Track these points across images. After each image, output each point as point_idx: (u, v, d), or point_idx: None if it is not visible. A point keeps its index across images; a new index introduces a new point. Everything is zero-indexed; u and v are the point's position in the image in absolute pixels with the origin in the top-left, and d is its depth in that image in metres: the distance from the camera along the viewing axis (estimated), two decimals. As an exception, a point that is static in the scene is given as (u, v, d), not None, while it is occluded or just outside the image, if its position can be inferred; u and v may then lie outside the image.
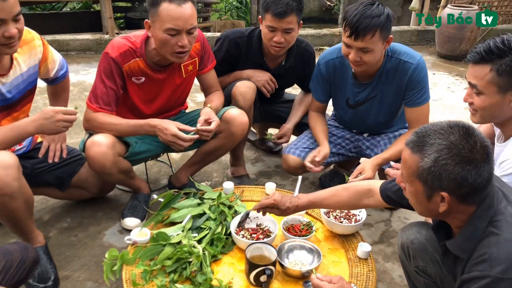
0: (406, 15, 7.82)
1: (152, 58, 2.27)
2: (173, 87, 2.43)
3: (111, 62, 2.20)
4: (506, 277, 1.15)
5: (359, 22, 2.07)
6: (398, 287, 2.15)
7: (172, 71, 2.36)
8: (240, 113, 2.44)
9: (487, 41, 1.58)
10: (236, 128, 2.43)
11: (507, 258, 1.17)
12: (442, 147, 1.21)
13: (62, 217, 2.53)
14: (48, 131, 1.93)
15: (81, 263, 2.20)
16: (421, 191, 1.29)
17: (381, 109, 2.47)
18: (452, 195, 1.23)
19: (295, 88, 3.11)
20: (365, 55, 2.15)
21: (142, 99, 2.38)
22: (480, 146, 1.21)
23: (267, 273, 1.71)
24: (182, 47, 2.12)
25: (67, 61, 2.46)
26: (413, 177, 1.28)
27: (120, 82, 2.24)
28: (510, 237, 1.20)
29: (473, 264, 1.22)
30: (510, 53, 1.53)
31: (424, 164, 1.23)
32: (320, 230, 2.12)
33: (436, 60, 6.08)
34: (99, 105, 2.21)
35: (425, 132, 1.26)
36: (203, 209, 2.12)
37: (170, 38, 2.09)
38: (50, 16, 7.77)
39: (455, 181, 1.20)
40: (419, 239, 1.67)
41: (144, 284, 1.76)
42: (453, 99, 4.64)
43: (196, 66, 2.47)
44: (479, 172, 1.20)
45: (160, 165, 3.13)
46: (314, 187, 2.95)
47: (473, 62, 1.60)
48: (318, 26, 8.09)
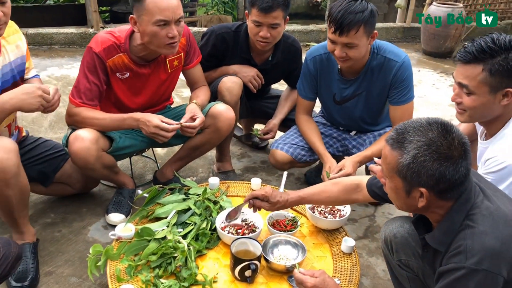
0: (392, 12, 7.86)
1: (136, 53, 2.25)
2: (158, 82, 2.41)
3: (94, 57, 2.18)
4: (480, 268, 1.17)
5: (343, 18, 2.08)
6: (382, 281, 2.17)
7: (157, 65, 2.34)
8: (226, 109, 2.44)
9: (478, 41, 1.57)
10: (222, 124, 2.42)
11: (481, 249, 1.19)
12: (421, 144, 1.23)
13: (45, 213, 2.50)
14: (27, 106, 1.84)
15: (64, 259, 2.18)
16: (400, 186, 1.30)
17: (367, 105, 2.48)
18: (431, 191, 1.25)
19: (281, 84, 3.12)
20: (350, 50, 2.17)
21: (126, 94, 2.36)
22: (458, 143, 1.23)
23: (252, 268, 1.72)
24: (172, 38, 2.12)
25: (50, 55, 2.45)
26: (393, 173, 1.30)
27: (104, 77, 2.22)
28: (484, 230, 1.22)
29: (449, 256, 1.25)
30: (502, 53, 1.53)
31: (404, 161, 1.25)
32: (305, 225, 2.14)
33: (421, 57, 6.13)
34: (81, 100, 2.19)
35: (404, 129, 1.28)
36: (188, 205, 2.12)
37: (160, 30, 2.09)
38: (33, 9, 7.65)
39: (434, 177, 1.22)
40: (402, 233, 1.70)
41: (128, 279, 1.75)
42: (438, 96, 4.69)
43: (182, 61, 2.46)
44: (456, 168, 1.22)
45: (145, 160, 3.11)
46: (299, 183, 2.97)
47: (464, 62, 1.59)
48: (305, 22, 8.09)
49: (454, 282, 1.21)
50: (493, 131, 1.69)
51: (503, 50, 1.53)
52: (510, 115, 1.65)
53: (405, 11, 6.88)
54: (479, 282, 1.18)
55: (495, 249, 1.19)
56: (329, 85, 2.50)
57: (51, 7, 8.00)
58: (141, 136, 2.35)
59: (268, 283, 1.78)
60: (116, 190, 2.53)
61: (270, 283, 1.78)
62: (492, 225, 1.23)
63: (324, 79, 2.50)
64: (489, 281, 1.18)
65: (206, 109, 2.42)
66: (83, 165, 2.18)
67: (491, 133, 1.71)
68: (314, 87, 2.55)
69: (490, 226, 1.23)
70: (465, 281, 1.19)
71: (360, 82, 2.41)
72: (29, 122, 3.52)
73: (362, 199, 1.82)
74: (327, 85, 2.51)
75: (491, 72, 1.54)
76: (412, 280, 1.72)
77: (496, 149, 1.60)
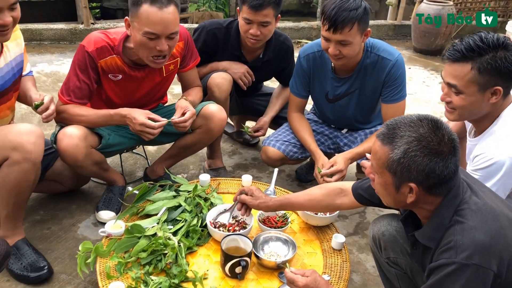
0: (383, 9, 7.88)
1: (130, 56, 2.22)
2: (152, 85, 2.39)
3: (86, 56, 2.15)
4: (470, 263, 1.18)
5: (337, 15, 2.08)
6: (372, 277, 2.19)
7: (151, 70, 2.30)
8: (218, 109, 2.42)
9: (466, 39, 1.58)
10: (214, 124, 2.42)
11: (471, 244, 1.20)
12: (412, 139, 1.24)
13: (34, 210, 2.49)
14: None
15: (54, 256, 2.17)
16: (390, 182, 1.31)
17: (360, 104, 2.49)
18: (420, 186, 1.26)
19: (273, 81, 3.12)
20: (344, 48, 2.17)
21: (118, 95, 2.34)
22: (447, 139, 1.24)
23: (242, 265, 1.72)
24: (160, 52, 2.07)
25: (40, 51, 2.43)
26: (383, 168, 1.31)
27: (95, 77, 2.20)
28: (474, 225, 1.23)
29: (440, 252, 1.26)
30: (490, 51, 1.54)
31: (394, 156, 1.25)
32: (295, 221, 2.14)
33: (412, 54, 6.16)
34: (70, 98, 2.18)
35: (395, 124, 1.29)
36: (178, 201, 2.11)
37: (149, 41, 2.04)
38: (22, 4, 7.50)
39: (423, 173, 1.23)
40: (390, 231, 1.71)
41: (118, 276, 1.74)
42: (428, 93, 4.71)
43: (178, 65, 2.43)
44: (446, 164, 1.23)
45: (135, 157, 3.10)
46: (290, 180, 2.97)
47: (452, 60, 1.60)
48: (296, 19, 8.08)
49: (445, 277, 1.22)
50: (482, 129, 1.71)
51: (492, 48, 1.54)
52: (498, 113, 1.66)
53: (396, 9, 6.90)
54: (469, 276, 1.19)
55: (485, 244, 1.20)
56: (322, 83, 2.51)
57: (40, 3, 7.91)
58: (130, 133, 2.34)
59: (258, 279, 1.79)
60: (106, 187, 2.52)
61: (261, 280, 1.79)
62: (481, 220, 1.24)
63: (317, 77, 2.50)
64: (479, 276, 1.19)
65: (198, 108, 2.40)
66: (72, 162, 2.16)
67: (479, 131, 1.73)
68: (307, 85, 2.56)
69: (479, 221, 1.24)
70: (456, 276, 1.20)
71: (353, 80, 2.41)
72: (18, 119, 3.48)
73: (346, 204, 1.79)
74: (320, 83, 2.51)
75: (480, 71, 1.55)
76: (401, 277, 1.73)
77: (484, 146, 1.62)
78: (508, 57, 1.53)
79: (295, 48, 2.87)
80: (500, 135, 1.62)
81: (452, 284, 1.20)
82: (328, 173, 2.29)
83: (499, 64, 1.53)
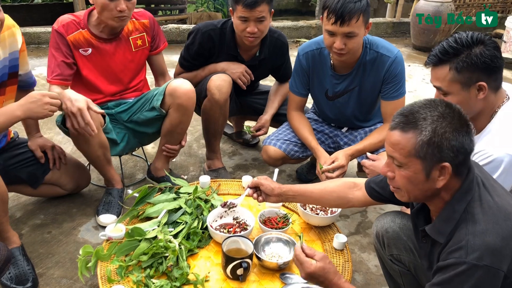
0: (382, 7, 7.87)
1: (96, 28, 2.36)
2: (123, 60, 2.47)
3: (55, 35, 2.32)
4: (481, 264, 1.17)
5: (343, 7, 2.10)
6: (374, 277, 2.18)
7: (119, 42, 2.43)
8: (181, 83, 2.40)
9: (441, 43, 1.63)
10: (181, 99, 2.40)
11: (482, 245, 1.19)
12: (436, 117, 1.24)
13: (35, 214, 2.48)
14: (36, 115, 1.93)
15: (55, 260, 2.17)
16: (419, 169, 1.28)
17: (359, 101, 2.49)
18: (451, 164, 1.25)
19: (268, 79, 3.11)
20: (350, 41, 2.18)
21: (94, 73, 2.41)
22: (463, 114, 1.27)
23: (244, 266, 1.71)
24: (120, 12, 2.23)
25: (38, 54, 2.46)
26: (409, 157, 1.28)
27: (68, 51, 2.33)
28: (485, 225, 1.23)
29: (450, 252, 1.25)
30: (464, 50, 1.58)
31: (424, 137, 1.24)
32: (296, 222, 2.13)
33: (411, 52, 6.15)
34: (52, 76, 2.31)
35: (410, 110, 1.29)
36: (179, 204, 2.10)
37: (109, 2, 2.20)
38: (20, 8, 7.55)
39: (454, 148, 1.23)
40: (393, 228, 1.70)
41: (119, 280, 1.74)
42: (428, 91, 4.70)
43: (146, 42, 2.53)
44: (470, 137, 1.26)
45: (135, 159, 3.09)
46: (291, 180, 2.96)
47: (433, 65, 1.65)
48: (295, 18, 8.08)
49: (454, 276, 1.21)
50: (480, 127, 1.72)
51: (465, 47, 1.58)
52: (493, 109, 1.68)
53: (395, 6, 6.89)
54: (480, 277, 1.18)
55: (496, 245, 1.19)
56: (321, 81, 2.50)
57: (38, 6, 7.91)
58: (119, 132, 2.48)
59: (260, 281, 1.78)
60: (105, 190, 2.52)
61: (262, 281, 1.78)
62: (493, 220, 1.23)
63: (317, 75, 2.50)
64: (490, 277, 1.18)
65: (163, 87, 2.43)
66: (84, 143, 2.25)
67: (478, 129, 1.73)
68: (306, 83, 2.55)
69: (491, 221, 1.23)
70: (466, 276, 1.19)
71: (353, 77, 2.41)
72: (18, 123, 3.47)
73: (357, 199, 1.75)
74: (320, 80, 2.50)
75: (458, 70, 1.59)
76: (404, 274, 1.73)
77: (483, 144, 1.63)
78: (484, 52, 1.57)
79: (295, 47, 2.86)
80: (498, 133, 1.63)
81: (461, 284, 1.19)
82: (330, 168, 2.29)
83: (474, 60, 1.57)
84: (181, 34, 5.90)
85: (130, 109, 2.53)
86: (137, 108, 2.52)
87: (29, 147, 2.33)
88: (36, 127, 2.41)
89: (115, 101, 2.53)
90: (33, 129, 2.39)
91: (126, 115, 2.53)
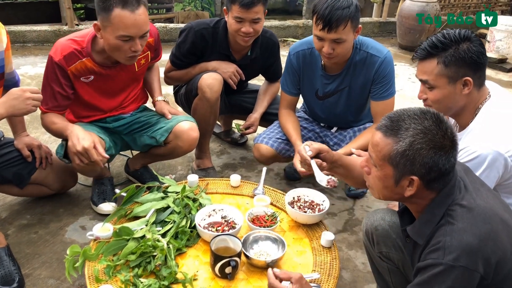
0: (368, 7, 7.93)
1: (100, 56, 2.25)
2: (125, 81, 2.43)
3: (55, 67, 2.19)
4: (457, 265, 1.19)
5: (331, 14, 2.10)
6: (361, 274, 2.20)
7: (123, 67, 2.34)
8: (189, 129, 2.43)
9: (430, 38, 1.67)
10: (182, 143, 2.44)
11: (459, 246, 1.20)
12: (418, 131, 1.24)
13: (21, 214, 2.46)
14: (19, 111, 1.91)
15: (42, 261, 2.15)
16: (390, 175, 1.30)
17: (349, 101, 2.51)
18: (421, 179, 1.27)
19: (257, 78, 3.11)
20: (338, 46, 2.19)
21: (94, 96, 2.36)
22: (450, 133, 1.26)
23: (232, 265, 1.71)
24: (134, 52, 2.13)
25: (23, 53, 2.42)
26: (383, 161, 1.30)
27: (67, 83, 2.24)
28: (463, 226, 1.23)
29: (428, 252, 1.26)
30: (452, 45, 1.62)
31: (399, 148, 1.25)
32: (284, 220, 2.14)
33: (397, 51, 6.20)
34: (47, 107, 2.24)
35: (399, 116, 1.29)
36: (167, 203, 2.09)
37: (123, 44, 2.09)
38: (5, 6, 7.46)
39: (427, 166, 1.24)
40: (383, 225, 1.72)
41: (107, 279, 1.73)
42: (414, 90, 4.74)
43: (149, 59, 2.48)
44: (448, 158, 1.24)
45: (123, 159, 3.07)
46: (279, 178, 2.98)
47: (421, 59, 1.68)
48: (282, 17, 8.11)
49: (431, 278, 1.22)
50: (464, 124, 1.75)
51: (454, 42, 1.62)
52: (476, 106, 1.71)
53: (381, 6, 6.95)
54: (456, 278, 1.19)
55: (473, 246, 1.20)
56: (311, 81, 2.52)
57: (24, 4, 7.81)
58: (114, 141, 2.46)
59: (248, 279, 1.78)
60: (95, 181, 2.52)
61: (251, 279, 1.78)
62: (471, 222, 1.24)
63: (307, 75, 2.51)
64: (466, 278, 1.19)
65: (173, 123, 2.43)
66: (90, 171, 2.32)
67: (462, 126, 1.77)
68: (297, 82, 2.56)
69: (469, 223, 1.24)
70: (442, 277, 1.20)
71: (343, 77, 2.43)
72: (3, 122, 3.43)
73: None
74: (310, 80, 2.52)
75: (445, 64, 1.62)
76: (392, 271, 1.75)
77: (467, 141, 1.66)
78: (471, 48, 1.61)
79: (281, 46, 2.87)
80: (481, 130, 1.66)
81: (438, 284, 1.21)
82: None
83: (462, 55, 1.60)
84: (168, 33, 5.88)
85: (129, 125, 2.53)
86: (136, 127, 2.52)
87: (16, 146, 2.31)
88: (22, 126, 2.39)
89: (114, 116, 2.51)
90: (19, 128, 2.37)
91: (124, 130, 2.53)
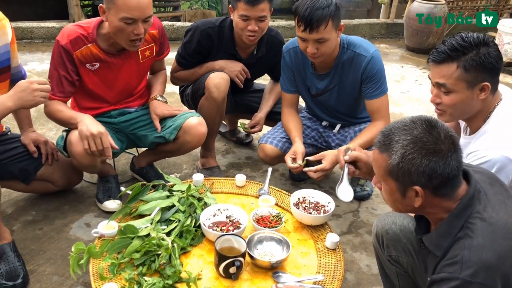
0: (376, 8, 7.91)
1: (105, 42, 2.27)
2: (130, 72, 2.43)
3: (61, 50, 2.22)
4: (474, 281, 1.16)
5: (311, 15, 2.12)
6: (366, 276, 2.19)
7: (128, 56, 2.36)
8: (197, 124, 2.45)
9: (449, 40, 1.62)
10: (191, 138, 2.45)
11: (477, 262, 1.17)
12: (407, 142, 1.24)
13: (26, 210, 2.47)
14: (27, 103, 1.92)
15: (46, 257, 2.15)
16: (394, 188, 1.30)
17: (340, 99, 2.52)
18: (425, 188, 1.25)
19: (262, 78, 3.11)
20: (322, 45, 2.20)
21: (99, 86, 2.37)
22: (444, 137, 1.24)
23: (237, 265, 1.71)
24: (137, 35, 2.15)
25: (31, 49, 2.43)
26: (385, 176, 1.30)
27: (73, 68, 2.25)
28: (483, 241, 1.20)
29: (445, 265, 1.24)
30: (473, 49, 1.58)
31: (393, 161, 1.25)
32: (289, 221, 2.14)
33: (404, 53, 6.17)
34: (53, 92, 2.22)
35: (389, 130, 1.29)
36: (172, 202, 2.10)
37: (126, 26, 2.11)
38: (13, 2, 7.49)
39: (425, 174, 1.22)
40: (394, 229, 1.71)
41: (111, 277, 1.73)
42: (421, 92, 4.73)
43: (154, 52, 2.49)
44: (447, 162, 1.22)
45: (128, 156, 3.08)
46: (284, 179, 2.97)
47: (438, 62, 1.63)
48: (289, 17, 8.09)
49: None
50: (475, 128, 1.72)
51: (474, 46, 1.58)
52: (489, 110, 1.69)
53: (389, 7, 6.92)
54: None
55: (491, 263, 1.17)
56: (303, 78, 2.54)
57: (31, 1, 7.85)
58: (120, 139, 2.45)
59: (252, 279, 1.78)
60: (99, 178, 2.53)
61: (255, 280, 1.78)
62: (491, 237, 1.21)
63: (299, 72, 2.53)
64: None
65: (181, 121, 2.44)
66: (89, 164, 2.24)
67: (473, 129, 1.74)
68: (292, 79, 2.57)
69: (489, 238, 1.21)
70: None
71: (331, 76, 2.44)
72: (10, 117, 3.45)
73: None
74: (302, 78, 2.54)
75: (466, 68, 1.58)
76: (401, 275, 1.74)
77: (478, 145, 1.64)
78: (491, 53, 1.58)
79: (288, 46, 2.87)
80: (492, 134, 1.64)
81: None
82: (313, 170, 2.27)
83: (483, 60, 1.57)
84: (175, 31, 5.88)
85: (134, 121, 2.53)
86: (142, 124, 2.53)
87: (22, 141, 2.32)
88: (29, 122, 2.40)
89: (119, 109, 2.51)
90: (26, 124, 2.38)
91: (129, 126, 2.53)
